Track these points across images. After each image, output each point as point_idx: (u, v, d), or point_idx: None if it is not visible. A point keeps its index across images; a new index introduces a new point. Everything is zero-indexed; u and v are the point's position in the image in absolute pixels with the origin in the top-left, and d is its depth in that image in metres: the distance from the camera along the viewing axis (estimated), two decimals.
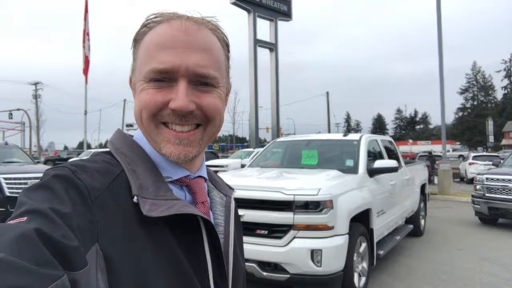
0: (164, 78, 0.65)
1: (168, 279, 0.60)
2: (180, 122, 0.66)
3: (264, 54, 23.53)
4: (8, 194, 8.19)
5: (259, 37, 22.01)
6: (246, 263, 3.94)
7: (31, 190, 0.57)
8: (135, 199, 0.62)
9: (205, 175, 0.78)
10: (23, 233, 0.47)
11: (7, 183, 8.26)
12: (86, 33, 23.86)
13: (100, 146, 68.54)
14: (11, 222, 0.50)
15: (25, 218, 0.50)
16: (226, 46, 0.74)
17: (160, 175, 0.69)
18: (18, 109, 41.82)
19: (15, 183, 8.37)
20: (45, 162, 28.08)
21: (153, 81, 0.66)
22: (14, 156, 10.12)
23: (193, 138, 0.68)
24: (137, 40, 0.71)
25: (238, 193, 4.49)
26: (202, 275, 0.66)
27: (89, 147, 35.17)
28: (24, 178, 8.54)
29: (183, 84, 0.65)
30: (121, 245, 0.56)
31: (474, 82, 70.04)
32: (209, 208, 0.76)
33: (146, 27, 0.70)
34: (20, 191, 8.61)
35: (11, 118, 42.22)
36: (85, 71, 23.65)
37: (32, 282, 0.43)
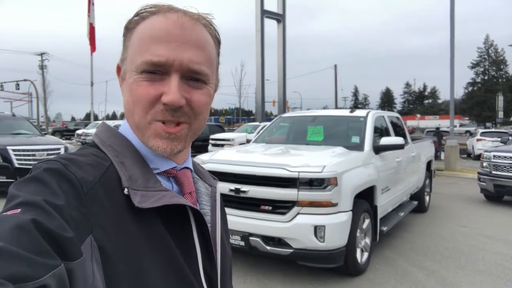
0: (156, 70, 0.66)
1: (161, 266, 0.62)
2: (171, 117, 0.67)
3: (271, 25, 23.12)
4: (17, 165, 8.35)
5: (266, 7, 21.53)
6: (251, 238, 4.01)
7: (22, 183, 0.57)
8: (125, 191, 0.63)
9: (191, 167, 0.80)
10: (20, 223, 0.47)
11: (15, 155, 8.41)
12: (91, 3, 23.57)
13: (107, 117, 68.82)
14: (5, 213, 0.50)
15: (19, 209, 0.50)
16: (218, 43, 0.75)
17: (148, 167, 0.70)
18: (25, 80, 41.76)
19: (23, 155, 8.51)
20: (53, 133, 28.35)
21: (145, 72, 0.66)
22: (22, 128, 10.23)
23: (180, 134, 0.69)
24: (129, 28, 0.70)
25: (243, 169, 4.51)
26: (192, 262, 0.69)
27: (96, 118, 35.29)
28: (32, 150, 8.67)
29: (175, 79, 0.65)
30: (115, 236, 0.58)
31: (486, 56, 68.26)
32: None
33: (140, 16, 0.69)
34: (28, 162, 8.79)
35: (18, 88, 42.30)
36: (91, 40, 23.49)
37: (30, 270, 0.43)
